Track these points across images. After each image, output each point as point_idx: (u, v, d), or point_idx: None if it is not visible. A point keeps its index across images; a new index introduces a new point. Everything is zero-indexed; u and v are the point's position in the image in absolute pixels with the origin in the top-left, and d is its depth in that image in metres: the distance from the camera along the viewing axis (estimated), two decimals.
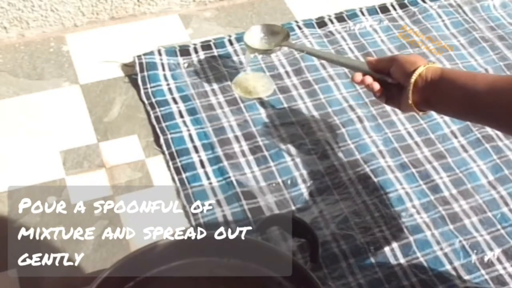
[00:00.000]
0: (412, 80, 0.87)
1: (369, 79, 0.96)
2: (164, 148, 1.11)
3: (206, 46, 1.27)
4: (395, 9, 1.38)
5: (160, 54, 1.24)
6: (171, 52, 1.25)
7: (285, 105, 1.18)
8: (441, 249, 0.99)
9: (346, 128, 1.15)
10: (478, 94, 0.79)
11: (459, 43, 1.32)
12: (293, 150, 1.11)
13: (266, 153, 1.11)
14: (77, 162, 1.09)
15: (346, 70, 1.25)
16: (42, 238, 0.99)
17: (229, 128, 1.14)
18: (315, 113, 1.17)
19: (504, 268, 0.98)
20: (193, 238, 0.86)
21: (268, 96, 1.19)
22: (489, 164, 1.11)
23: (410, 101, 0.88)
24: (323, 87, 1.21)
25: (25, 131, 1.13)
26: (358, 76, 0.98)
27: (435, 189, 1.07)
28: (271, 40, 1.18)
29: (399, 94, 0.92)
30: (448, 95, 0.84)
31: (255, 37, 1.18)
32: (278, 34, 1.18)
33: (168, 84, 1.20)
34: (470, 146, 1.14)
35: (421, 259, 0.98)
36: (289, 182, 1.07)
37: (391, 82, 0.94)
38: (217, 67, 1.23)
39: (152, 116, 1.15)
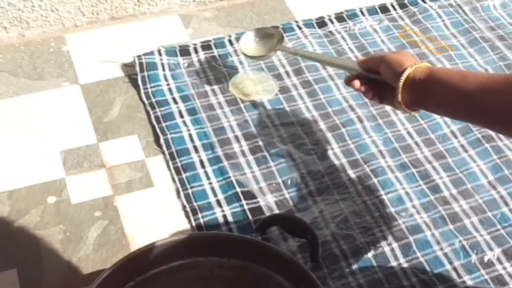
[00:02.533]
0: (401, 82, 0.85)
1: (356, 84, 0.94)
2: (164, 148, 1.11)
3: (206, 46, 1.27)
4: (395, 9, 1.38)
5: (160, 54, 1.24)
6: (171, 52, 1.25)
7: (285, 105, 1.18)
8: (441, 249, 0.99)
9: (346, 128, 1.15)
10: (469, 94, 0.77)
11: (459, 43, 1.32)
12: (293, 150, 1.11)
13: (266, 153, 1.11)
14: (77, 162, 1.09)
15: None
16: (42, 237, 0.99)
17: (229, 128, 1.14)
18: (315, 113, 1.17)
19: (504, 268, 0.98)
20: (193, 238, 0.86)
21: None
22: (489, 164, 1.11)
23: (400, 102, 0.87)
24: (323, 87, 1.21)
25: (25, 131, 1.13)
26: (348, 79, 0.96)
27: (435, 189, 1.07)
28: (266, 44, 1.16)
29: (392, 94, 0.90)
30: (438, 95, 0.82)
31: (249, 42, 1.17)
32: (273, 36, 1.17)
33: (168, 84, 1.20)
34: (470, 146, 1.14)
35: (421, 259, 0.98)
36: (289, 182, 1.07)
37: (380, 79, 0.92)
38: (217, 67, 1.23)
39: (152, 116, 1.15)
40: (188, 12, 1.36)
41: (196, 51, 1.26)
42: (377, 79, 0.93)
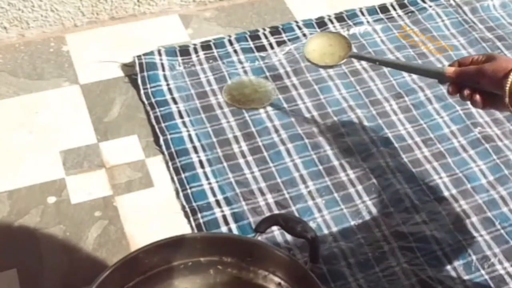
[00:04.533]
0: (507, 88, 0.85)
1: (468, 93, 0.90)
2: (164, 148, 1.11)
3: (206, 46, 1.27)
4: (395, 9, 1.38)
5: (160, 54, 1.24)
6: (171, 52, 1.25)
7: (285, 105, 1.18)
8: (441, 249, 0.99)
9: (346, 128, 1.15)
10: None
11: (459, 43, 1.32)
12: (292, 150, 1.11)
13: (265, 153, 1.11)
14: (77, 162, 1.09)
15: (346, 70, 1.25)
16: (42, 237, 0.99)
17: (229, 129, 1.14)
18: (315, 113, 1.17)
19: (504, 268, 0.98)
20: (193, 238, 0.86)
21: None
22: (489, 164, 1.11)
23: (508, 105, 0.86)
24: (323, 87, 1.21)
25: (25, 131, 1.13)
26: (453, 90, 0.93)
27: (435, 189, 1.07)
28: (337, 50, 1.06)
29: (500, 98, 0.88)
30: None
31: (319, 49, 1.07)
32: (342, 42, 1.06)
33: (168, 84, 1.20)
34: (470, 146, 1.14)
35: (421, 259, 0.98)
36: (289, 182, 1.07)
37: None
38: (217, 67, 1.23)
39: (152, 116, 1.15)
40: (188, 12, 1.36)
41: (196, 51, 1.26)
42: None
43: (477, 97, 0.90)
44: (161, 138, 1.12)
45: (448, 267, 0.98)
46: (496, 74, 0.87)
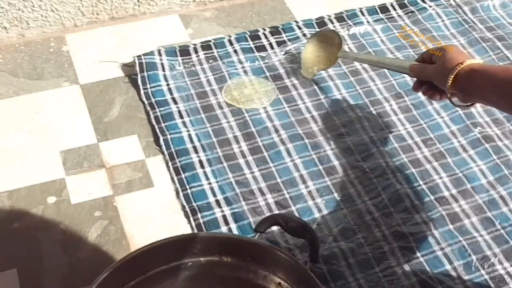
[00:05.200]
0: (448, 86, 0.91)
1: (426, 91, 1.00)
2: (164, 148, 1.11)
3: (206, 46, 1.27)
4: (395, 9, 1.38)
5: (160, 54, 1.24)
6: (171, 52, 1.25)
7: (285, 105, 1.18)
8: (441, 249, 1.00)
9: (346, 128, 1.15)
10: (509, 83, 0.85)
11: (459, 43, 1.32)
12: (292, 150, 1.11)
13: (265, 153, 1.11)
14: (77, 162, 1.09)
15: (346, 70, 1.25)
16: (42, 237, 0.99)
17: (229, 129, 1.14)
18: (315, 113, 1.17)
19: (504, 268, 0.98)
20: (193, 238, 0.86)
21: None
22: (489, 164, 1.11)
23: (452, 103, 0.95)
24: (323, 87, 1.21)
25: (25, 131, 1.13)
26: (415, 87, 1.02)
27: (435, 189, 1.07)
28: (327, 52, 1.22)
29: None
30: (482, 89, 0.89)
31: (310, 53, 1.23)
32: (332, 40, 1.22)
33: (168, 84, 1.20)
34: (470, 146, 1.14)
35: (421, 259, 0.98)
36: (289, 182, 1.07)
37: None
38: (217, 67, 1.23)
39: (152, 116, 1.15)
40: (188, 12, 1.36)
41: (196, 51, 1.26)
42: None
43: (434, 94, 0.98)
44: (161, 138, 1.12)
45: (448, 267, 0.98)
46: (441, 75, 0.93)
